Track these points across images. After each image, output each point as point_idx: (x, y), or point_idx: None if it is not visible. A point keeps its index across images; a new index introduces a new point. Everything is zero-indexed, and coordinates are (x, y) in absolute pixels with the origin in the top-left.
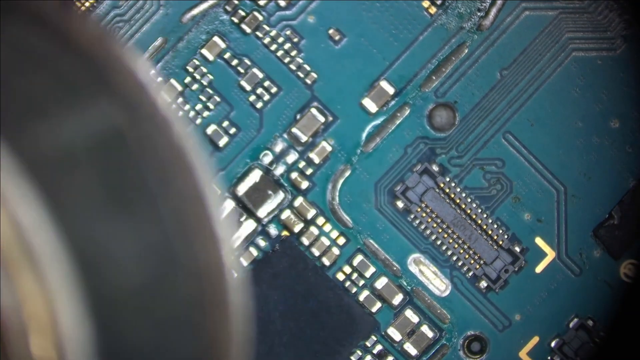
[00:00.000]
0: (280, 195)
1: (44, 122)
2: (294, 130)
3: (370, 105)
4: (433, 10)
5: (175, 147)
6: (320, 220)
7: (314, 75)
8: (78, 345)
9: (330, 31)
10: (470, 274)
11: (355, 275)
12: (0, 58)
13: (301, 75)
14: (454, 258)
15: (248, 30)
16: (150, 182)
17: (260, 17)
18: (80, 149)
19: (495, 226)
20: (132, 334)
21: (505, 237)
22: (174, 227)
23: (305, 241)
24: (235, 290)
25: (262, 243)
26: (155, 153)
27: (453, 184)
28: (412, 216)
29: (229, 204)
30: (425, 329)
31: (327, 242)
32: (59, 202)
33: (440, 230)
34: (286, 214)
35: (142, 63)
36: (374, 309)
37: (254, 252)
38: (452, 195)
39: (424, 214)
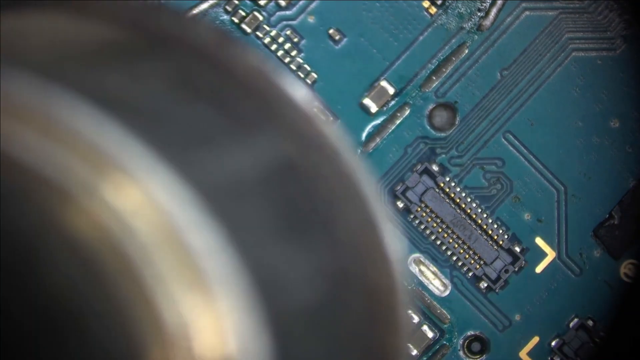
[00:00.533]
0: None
1: (211, 152)
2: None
3: (370, 105)
4: (433, 10)
5: (345, 176)
6: None
7: (314, 75)
8: (251, 356)
9: (330, 31)
10: (470, 274)
11: None
12: (163, 90)
13: (301, 75)
14: (454, 258)
15: (248, 30)
16: (321, 209)
17: (261, 17)
18: (250, 177)
19: (495, 226)
20: (304, 350)
21: (505, 237)
22: (346, 252)
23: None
24: (403, 309)
25: None
26: (325, 182)
27: (453, 184)
28: (412, 216)
29: None
30: (425, 329)
31: None
32: (231, 226)
33: (440, 230)
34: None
35: (304, 93)
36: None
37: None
38: (452, 195)
39: (424, 214)
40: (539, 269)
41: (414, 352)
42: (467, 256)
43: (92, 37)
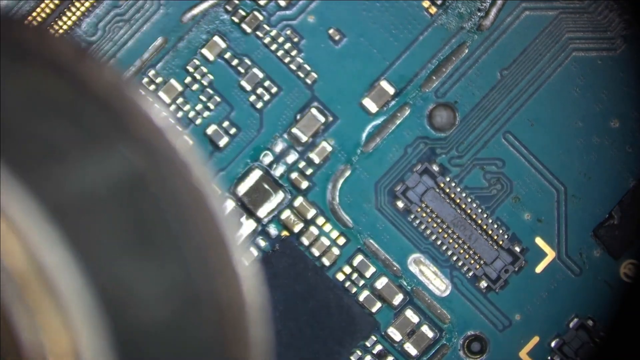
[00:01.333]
0: (280, 195)
1: (64, 167)
2: (294, 130)
3: (370, 105)
4: (433, 10)
5: (194, 190)
6: (320, 220)
7: (314, 75)
8: None
9: (330, 31)
10: (470, 274)
11: (355, 276)
12: (19, 103)
13: (301, 75)
14: (454, 258)
15: (248, 30)
16: (171, 224)
17: (261, 17)
18: (101, 192)
19: (495, 226)
20: None
21: (505, 237)
22: (196, 267)
23: (305, 241)
24: (255, 326)
25: (262, 243)
26: (175, 195)
27: (453, 184)
28: (412, 216)
29: (230, 204)
30: (425, 329)
31: (327, 242)
32: (81, 242)
33: (440, 230)
34: (286, 214)
35: (159, 108)
36: (374, 309)
37: (254, 252)
38: (452, 195)
39: (424, 214)
40: (539, 269)
41: (414, 352)
42: (467, 256)
43: None
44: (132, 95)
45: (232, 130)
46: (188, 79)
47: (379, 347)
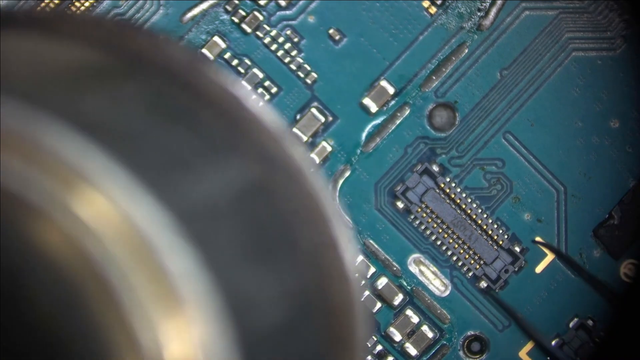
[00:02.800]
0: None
1: (187, 175)
2: (294, 130)
3: (370, 105)
4: (433, 10)
5: (309, 196)
6: None
7: (314, 75)
8: None
9: (330, 31)
10: (470, 274)
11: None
12: (140, 112)
13: (301, 75)
14: (454, 258)
15: (248, 30)
16: (287, 230)
17: (261, 17)
18: (222, 200)
19: (495, 226)
20: None
21: (505, 237)
22: (308, 272)
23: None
24: (361, 327)
25: None
26: (290, 202)
27: (453, 184)
28: (412, 216)
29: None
30: (425, 329)
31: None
32: (206, 250)
33: (440, 231)
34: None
35: (272, 112)
36: (374, 309)
37: None
38: (452, 196)
39: (424, 214)
40: (539, 269)
41: (414, 352)
42: (467, 256)
43: (69, 59)
44: (247, 100)
45: None
46: None
47: (379, 347)
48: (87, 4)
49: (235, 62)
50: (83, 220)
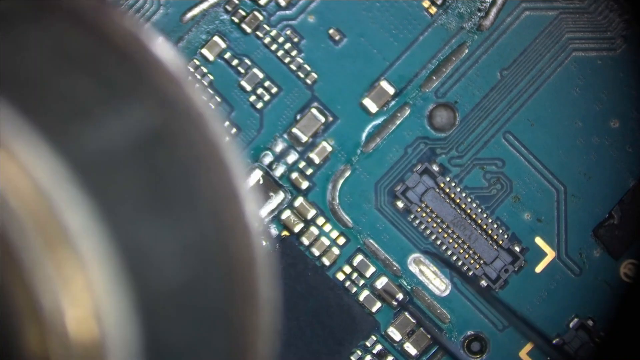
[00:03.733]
0: (280, 195)
1: (86, 123)
2: (294, 130)
3: (370, 105)
4: (433, 10)
5: (210, 143)
6: (320, 220)
7: (314, 75)
8: (122, 340)
9: (330, 31)
10: (470, 273)
11: (355, 275)
12: (43, 59)
13: (301, 75)
14: (454, 258)
15: (248, 30)
16: (187, 180)
17: (261, 17)
18: (121, 149)
19: (495, 226)
20: (171, 330)
21: (505, 237)
22: (210, 225)
23: (305, 241)
24: (265, 283)
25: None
26: (191, 148)
27: (453, 184)
28: (412, 216)
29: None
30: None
31: (327, 242)
32: (103, 202)
33: (440, 230)
34: (286, 214)
35: (176, 57)
36: (374, 309)
37: None
38: (452, 195)
39: (424, 214)
40: (538, 268)
41: (414, 352)
42: (467, 256)
43: None
44: (151, 44)
45: (232, 131)
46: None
47: (379, 347)
48: None
49: (235, 62)
50: None
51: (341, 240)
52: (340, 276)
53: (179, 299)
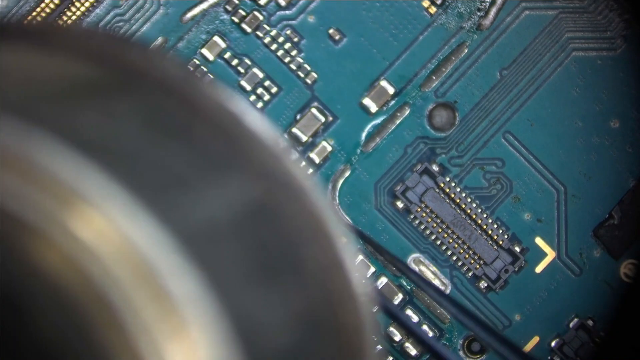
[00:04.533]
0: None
1: (187, 194)
2: (294, 130)
3: (370, 105)
4: (433, 10)
5: (311, 214)
6: None
7: (314, 75)
8: None
9: (330, 31)
10: (470, 274)
11: None
12: (136, 129)
13: (301, 75)
14: (454, 258)
15: (248, 29)
16: (291, 250)
17: (261, 17)
18: (224, 220)
19: (495, 226)
20: None
21: (505, 237)
22: (315, 293)
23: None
24: (371, 348)
25: None
26: (293, 221)
27: (453, 184)
28: (412, 216)
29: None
30: (425, 329)
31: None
32: (210, 272)
33: (440, 230)
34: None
35: (270, 128)
36: (373, 309)
37: None
38: (452, 195)
39: (424, 214)
40: (539, 269)
41: (414, 352)
42: (467, 256)
43: (61, 72)
44: (246, 116)
45: None
46: None
47: (378, 347)
48: (87, 4)
49: (235, 61)
50: (82, 240)
51: None
52: None
53: None
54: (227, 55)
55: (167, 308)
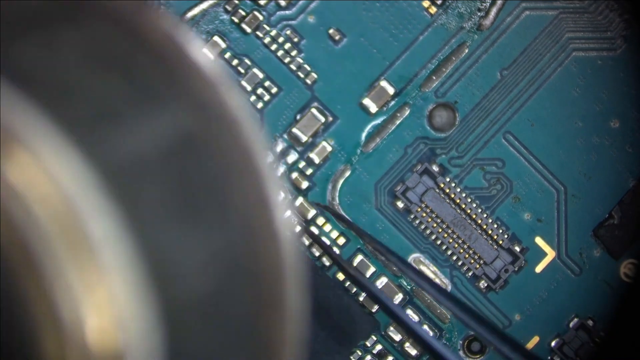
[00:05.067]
0: (280, 195)
1: (118, 128)
2: (294, 130)
3: (370, 105)
4: (433, 10)
5: (243, 149)
6: (321, 220)
7: (314, 75)
8: (144, 350)
9: (330, 31)
10: (470, 273)
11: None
12: (76, 59)
13: (301, 75)
14: (454, 258)
15: (248, 30)
16: (217, 187)
17: (261, 17)
18: (152, 154)
19: (495, 226)
20: (196, 340)
21: (505, 237)
22: (239, 233)
23: (306, 241)
24: (293, 292)
25: None
26: (223, 155)
27: (453, 184)
28: (412, 216)
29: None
30: (425, 328)
31: (327, 242)
32: (131, 209)
33: (440, 230)
34: (286, 214)
35: (213, 60)
36: (374, 309)
37: None
38: (452, 195)
39: (424, 214)
40: (538, 268)
41: (414, 352)
42: (467, 256)
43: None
44: (187, 47)
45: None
46: None
47: (379, 347)
48: None
49: (235, 62)
50: (9, 181)
51: (341, 240)
52: (340, 276)
53: (205, 308)
54: (227, 55)
55: (84, 252)
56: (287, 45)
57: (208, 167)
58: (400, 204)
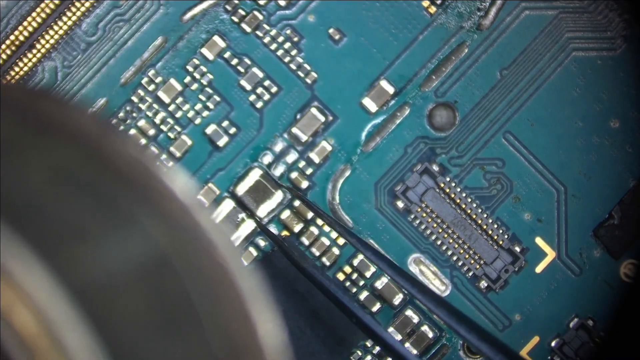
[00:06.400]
0: (280, 195)
1: (87, 247)
2: (294, 129)
3: (370, 104)
4: (433, 9)
5: (219, 267)
6: (320, 221)
7: (314, 74)
8: None
9: (330, 31)
10: (470, 273)
11: (355, 275)
12: (43, 183)
13: (301, 74)
14: (454, 258)
15: (248, 29)
16: (195, 303)
17: (261, 17)
18: (125, 273)
19: (495, 226)
20: None
21: (505, 237)
22: (220, 346)
23: (305, 241)
24: None
25: (262, 243)
26: (200, 273)
27: (453, 184)
28: (412, 216)
29: (229, 204)
30: (425, 329)
31: (327, 242)
32: (105, 326)
33: (440, 230)
34: (286, 214)
35: (183, 182)
36: (374, 309)
37: (253, 252)
38: (452, 195)
39: (424, 214)
40: (539, 268)
41: (414, 352)
42: (467, 256)
43: None
44: (156, 169)
45: (232, 130)
46: (188, 79)
47: (378, 347)
48: (87, 4)
49: (235, 61)
50: None
51: (341, 240)
52: (340, 276)
53: None
54: (227, 54)
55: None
56: (287, 45)
57: (185, 284)
58: (400, 204)
